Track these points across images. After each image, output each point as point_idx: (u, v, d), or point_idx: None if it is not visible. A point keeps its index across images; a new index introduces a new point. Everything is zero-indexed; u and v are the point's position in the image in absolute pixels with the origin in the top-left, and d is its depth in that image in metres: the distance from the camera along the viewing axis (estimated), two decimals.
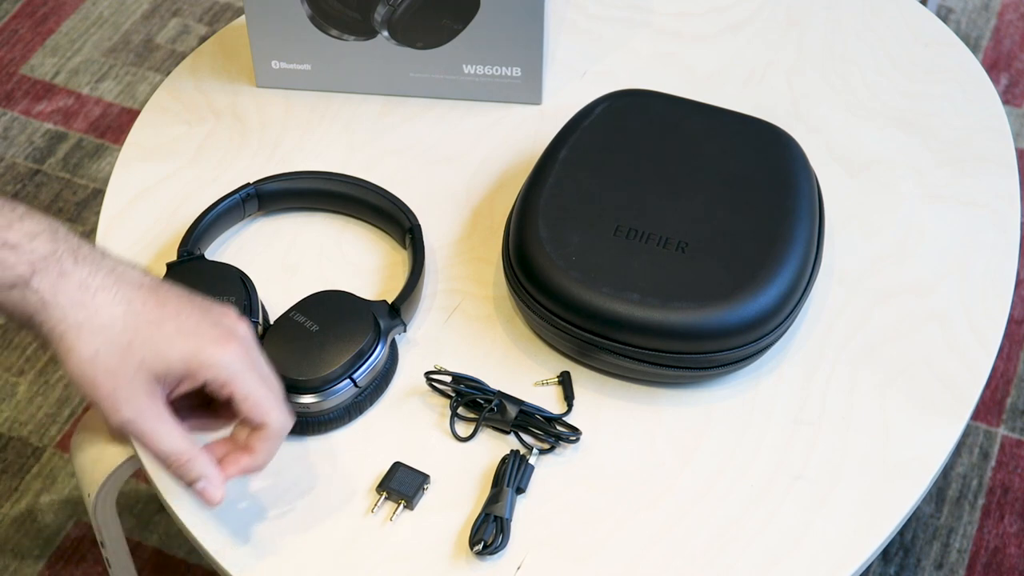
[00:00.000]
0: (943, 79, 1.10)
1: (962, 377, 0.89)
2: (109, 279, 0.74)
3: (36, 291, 0.73)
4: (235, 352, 0.74)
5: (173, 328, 0.74)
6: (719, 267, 0.86)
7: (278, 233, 0.97)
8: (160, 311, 0.74)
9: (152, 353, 0.73)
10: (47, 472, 1.55)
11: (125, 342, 0.73)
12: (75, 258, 0.74)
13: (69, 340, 0.73)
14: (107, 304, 0.74)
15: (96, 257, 0.75)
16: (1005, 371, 1.66)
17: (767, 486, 0.83)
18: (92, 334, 0.73)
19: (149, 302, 0.74)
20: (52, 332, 0.74)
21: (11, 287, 0.72)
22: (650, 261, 0.87)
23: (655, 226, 0.89)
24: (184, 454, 0.74)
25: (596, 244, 0.88)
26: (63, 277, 0.73)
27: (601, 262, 0.87)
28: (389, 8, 1.02)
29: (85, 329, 0.73)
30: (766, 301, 0.86)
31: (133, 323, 0.74)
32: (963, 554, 1.49)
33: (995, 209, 1.00)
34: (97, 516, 1.04)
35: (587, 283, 0.86)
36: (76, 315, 0.73)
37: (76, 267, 0.74)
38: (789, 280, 0.87)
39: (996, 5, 2.13)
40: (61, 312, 0.73)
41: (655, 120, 0.96)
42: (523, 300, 0.89)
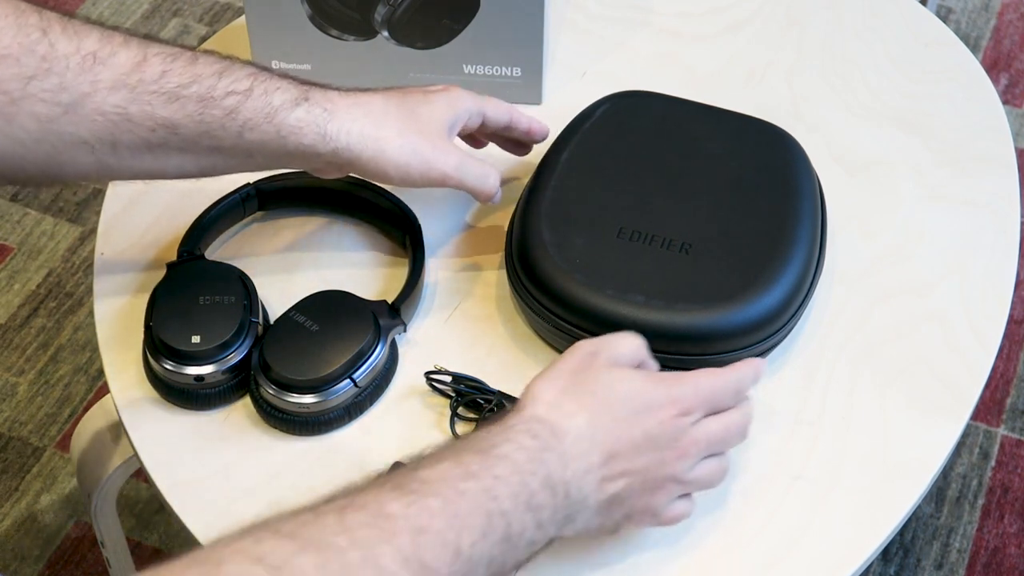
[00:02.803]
0: (943, 79, 1.10)
1: (962, 377, 0.89)
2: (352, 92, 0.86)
3: (318, 103, 0.82)
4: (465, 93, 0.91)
5: (420, 99, 0.88)
6: (723, 268, 0.86)
7: (278, 233, 0.97)
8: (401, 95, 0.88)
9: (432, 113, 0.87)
10: (47, 472, 1.55)
11: (408, 113, 0.86)
12: (325, 85, 0.85)
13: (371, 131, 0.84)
14: (370, 99, 0.86)
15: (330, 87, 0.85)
16: (1005, 371, 1.66)
17: (767, 486, 0.83)
18: (383, 119, 0.85)
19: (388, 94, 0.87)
20: (350, 135, 0.83)
21: (296, 104, 0.82)
22: (654, 263, 0.87)
23: (659, 228, 0.89)
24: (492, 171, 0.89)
25: (600, 246, 0.88)
26: (327, 91, 0.84)
27: (605, 264, 0.87)
28: (389, 8, 1.02)
29: (373, 117, 0.84)
30: (771, 302, 0.86)
31: (397, 101, 0.87)
32: (963, 554, 1.49)
33: (995, 209, 1.00)
34: (97, 516, 1.04)
35: (591, 285, 0.86)
36: (361, 112, 0.84)
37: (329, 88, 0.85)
38: (793, 281, 0.87)
39: (996, 5, 2.13)
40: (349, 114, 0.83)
41: (657, 121, 0.96)
42: (526, 302, 0.89)
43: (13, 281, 1.74)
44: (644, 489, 0.74)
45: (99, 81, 0.76)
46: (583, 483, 0.71)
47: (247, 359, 0.85)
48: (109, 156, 0.79)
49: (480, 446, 0.69)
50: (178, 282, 0.88)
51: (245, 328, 0.85)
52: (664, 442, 0.74)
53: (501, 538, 0.66)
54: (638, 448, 0.73)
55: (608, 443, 0.72)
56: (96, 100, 0.76)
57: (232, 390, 0.86)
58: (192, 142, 0.80)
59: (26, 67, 0.74)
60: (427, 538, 0.62)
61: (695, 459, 0.76)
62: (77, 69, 0.75)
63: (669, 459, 0.75)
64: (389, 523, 0.62)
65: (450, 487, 0.65)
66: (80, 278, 1.74)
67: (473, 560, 0.64)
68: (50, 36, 0.75)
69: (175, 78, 0.78)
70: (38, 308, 1.71)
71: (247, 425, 0.86)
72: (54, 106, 0.75)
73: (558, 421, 0.72)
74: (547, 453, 0.70)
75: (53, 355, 1.66)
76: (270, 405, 0.84)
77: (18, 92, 0.74)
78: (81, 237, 1.79)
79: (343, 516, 0.61)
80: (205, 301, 0.86)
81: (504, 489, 0.67)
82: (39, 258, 1.76)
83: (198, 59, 0.80)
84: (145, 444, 0.85)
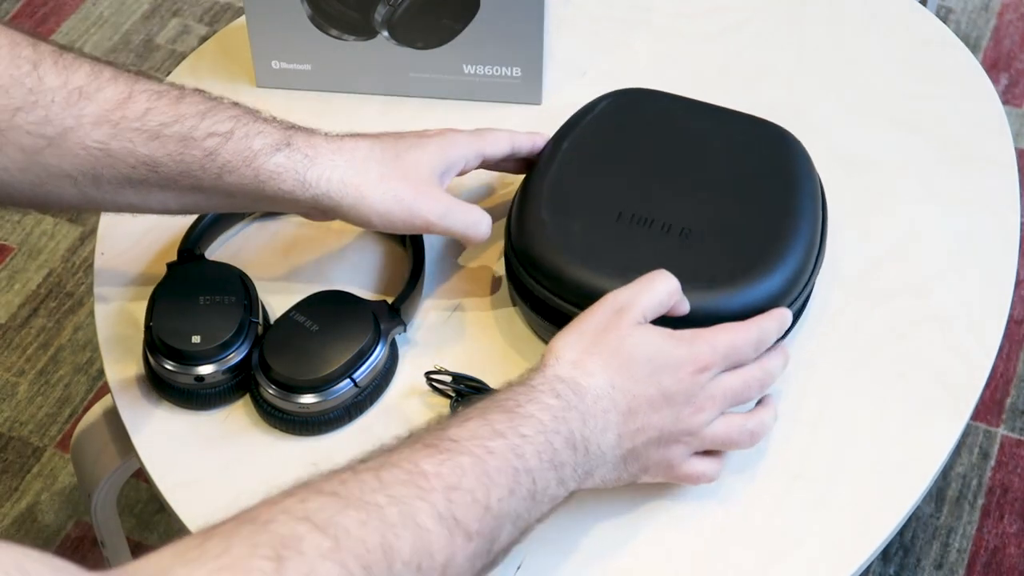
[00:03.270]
0: (943, 79, 1.10)
1: (962, 377, 0.89)
2: (341, 138, 0.85)
3: (299, 149, 0.82)
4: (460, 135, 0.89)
5: (410, 144, 0.86)
6: (723, 252, 0.86)
7: (278, 233, 0.97)
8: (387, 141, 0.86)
9: (420, 158, 0.85)
10: (47, 472, 1.55)
11: (392, 158, 0.84)
12: (311, 130, 0.85)
13: (351, 178, 0.83)
14: (355, 144, 0.84)
15: (316, 132, 0.85)
16: (1005, 371, 1.66)
17: (767, 486, 0.83)
18: (365, 165, 0.83)
19: (376, 141, 0.86)
20: (330, 183, 0.82)
21: (276, 150, 0.81)
22: (653, 246, 0.86)
23: (658, 213, 0.88)
24: (482, 218, 0.87)
25: (599, 230, 0.87)
26: (312, 137, 0.84)
27: (604, 247, 0.86)
28: (389, 8, 1.02)
29: (355, 164, 0.83)
30: (771, 286, 0.85)
31: (383, 146, 0.85)
32: (963, 554, 1.49)
33: (995, 209, 1.00)
34: (97, 516, 1.04)
35: (589, 267, 0.85)
36: (343, 158, 0.83)
37: (314, 133, 0.84)
38: (794, 267, 0.87)
39: (996, 5, 2.13)
40: (330, 161, 0.82)
41: (658, 117, 0.96)
42: (527, 285, 0.88)
43: (13, 281, 1.74)
44: (660, 443, 0.77)
45: (83, 116, 0.77)
46: (602, 440, 0.74)
47: (247, 359, 0.85)
48: (92, 189, 0.80)
49: (506, 405, 0.72)
50: (178, 282, 0.88)
51: (245, 328, 0.85)
52: (681, 399, 0.77)
53: (527, 495, 0.70)
54: (655, 405, 0.76)
55: (626, 401, 0.75)
56: (79, 135, 0.78)
57: (232, 390, 0.86)
58: (172, 180, 0.81)
59: (14, 98, 0.76)
60: (458, 494, 0.66)
61: (712, 414, 0.78)
62: (63, 103, 0.77)
63: (685, 415, 0.77)
64: (424, 480, 0.65)
65: (479, 445, 0.68)
66: (80, 278, 1.74)
67: (500, 515, 0.68)
68: (40, 70, 0.77)
69: (158, 116, 0.79)
70: (38, 308, 1.71)
71: (247, 425, 0.86)
72: (39, 138, 0.77)
73: (580, 380, 0.75)
74: (569, 412, 0.73)
75: (53, 355, 1.66)
76: (270, 405, 0.84)
77: (4, 123, 0.76)
78: (81, 237, 1.79)
79: (380, 474, 0.65)
80: (205, 301, 0.86)
81: (530, 448, 0.70)
82: (39, 258, 1.76)
83: (184, 98, 0.81)
84: (145, 444, 0.85)
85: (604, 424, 0.75)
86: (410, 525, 0.63)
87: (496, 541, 0.68)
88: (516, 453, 0.70)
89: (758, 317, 0.81)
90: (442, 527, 0.64)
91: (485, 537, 0.67)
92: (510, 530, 0.69)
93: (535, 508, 0.71)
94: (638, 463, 0.77)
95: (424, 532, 0.63)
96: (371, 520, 0.62)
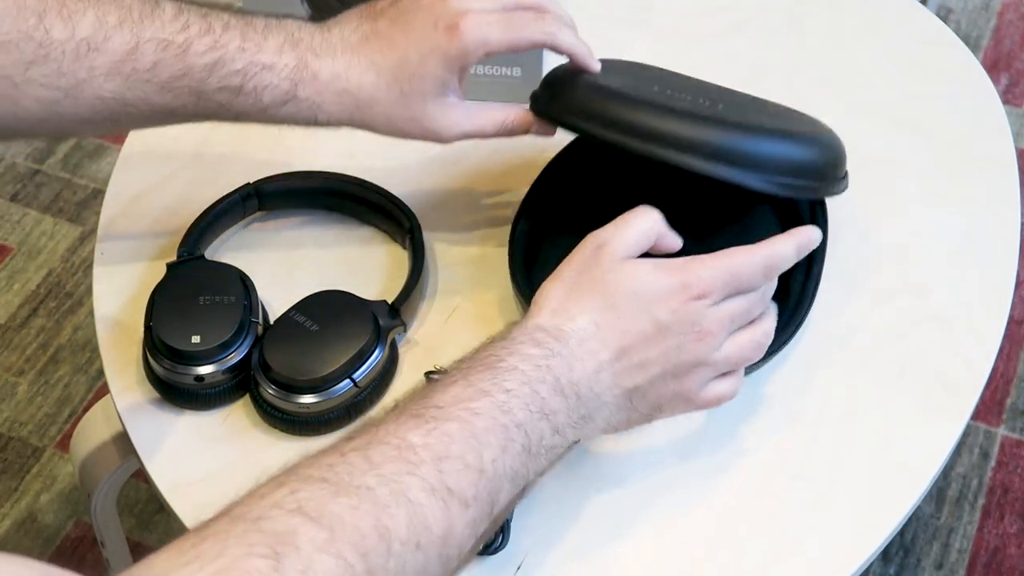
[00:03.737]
0: (943, 79, 1.10)
1: (962, 377, 0.89)
2: (345, 56, 0.82)
3: (305, 99, 0.82)
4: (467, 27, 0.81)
5: (415, 54, 0.82)
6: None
7: (278, 233, 0.97)
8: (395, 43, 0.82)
9: (424, 84, 0.82)
10: (47, 472, 1.55)
11: (397, 94, 0.82)
12: (316, 54, 0.82)
13: (358, 121, 0.84)
14: (360, 77, 0.82)
15: (324, 41, 0.83)
16: (1005, 371, 1.66)
17: (767, 486, 0.83)
18: (370, 107, 0.83)
19: (383, 46, 0.83)
20: (339, 121, 0.83)
21: (284, 103, 0.82)
22: None
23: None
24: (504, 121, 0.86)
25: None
26: (316, 78, 0.82)
27: None
28: None
29: (362, 107, 0.83)
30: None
31: (387, 77, 0.82)
32: (963, 554, 1.49)
33: (995, 209, 1.00)
34: (97, 516, 1.04)
35: None
36: (346, 103, 0.82)
37: (321, 62, 0.82)
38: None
39: (996, 5, 2.13)
40: (334, 107, 0.82)
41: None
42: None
43: (13, 281, 1.74)
44: (668, 377, 0.75)
45: (94, 68, 0.78)
46: (594, 382, 0.72)
47: (247, 359, 0.85)
48: (113, 128, 0.84)
49: (487, 362, 0.71)
50: (178, 282, 0.88)
51: (245, 328, 0.85)
52: (680, 328, 0.74)
53: (521, 450, 0.68)
54: (649, 339, 0.74)
55: (615, 338, 0.73)
56: (93, 86, 0.79)
57: (232, 390, 0.86)
58: (191, 117, 0.84)
59: (25, 53, 0.77)
60: (449, 463, 0.65)
61: (719, 338, 0.76)
62: (72, 56, 0.78)
63: (688, 344, 0.75)
64: (412, 454, 0.64)
65: (464, 408, 0.67)
66: (80, 278, 1.74)
67: (496, 476, 0.67)
68: (45, 21, 0.77)
69: (166, 71, 0.80)
70: (38, 308, 1.71)
71: (247, 425, 0.86)
72: (54, 90, 0.78)
73: (560, 325, 0.73)
74: (552, 359, 0.71)
75: (53, 355, 1.66)
76: (270, 405, 0.84)
77: (19, 77, 0.77)
78: (81, 237, 1.79)
79: (368, 454, 0.64)
80: (205, 301, 0.86)
81: (516, 401, 0.69)
82: (39, 258, 1.76)
83: (190, 47, 0.81)
84: (145, 444, 0.85)
85: (595, 366, 0.72)
86: (403, 503, 0.62)
87: (495, 503, 0.67)
88: (503, 410, 0.68)
89: (774, 238, 0.78)
90: (435, 499, 0.64)
91: (483, 501, 0.66)
92: (508, 488, 0.68)
93: (532, 462, 0.70)
94: (646, 401, 0.75)
95: (418, 507, 0.63)
96: (363, 504, 0.61)
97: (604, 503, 0.82)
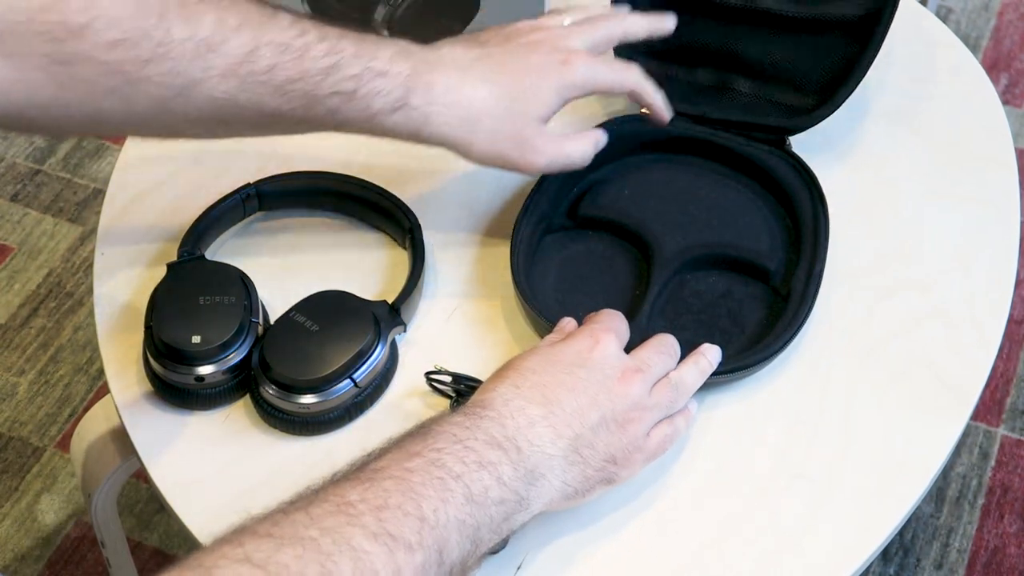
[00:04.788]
0: (943, 79, 1.10)
1: (962, 377, 0.89)
2: (457, 72, 0.84)
3: (416, 107, 0.83)
4: (580, 63, 0.87)
5: (528, 78, 0.86)
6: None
7: (278, 233, 0.97)
8: (508, 68, 0.86)
9: (534, 105, 0.85)
10: (47, 472, 1.55)
11: (505, 110, 0.84)
12: (429, 65, 0.84)
13: (462, 137, 0.85)
14: (473, 91, 0.84)
15: (437, 56, 0.85)
16: (1005, 371, 1.66)
17: (767, 486, 0.83)
18: (479, 121, 0.84)
19: (496, 68, 0.85)
20: (442, 134, 0.84)
21: (394, 110, 0.83)
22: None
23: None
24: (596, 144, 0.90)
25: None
26: (431, 88, 0.83)
27: None
28: (389, 8, 1.02)
29: (471, 120, 0.84)
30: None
31: (499, 92, 0.85)
32: (963, 554, 1.49)
33: (995, 210, 1.00)
34: (97, 516, 1.04)
35: None
36: (456, 114, 0.84)
37: (434, 74, 0.84)
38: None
39: (996, 5, 2.13)
40: (444, 117, 0.83)
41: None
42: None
43: (13, 281, 1.74)
44: (610, 423, 0.77)
45: (211, 68, 0.79)
46: (532, 435, 0.74)
47: (247, 359, 0.85)
48: (219, 129, 0.84)
49: (418, 433, 0.73)
50: (178, 282, 0.88)
51: (245, 328, 0.85)
52: (600, 374, 0.78)
53: (463, 500, 0.69)
54: (572, 388, 0.76)
55: (538, 393, 0.76)
56: (207, 86, 0.79)
57: (232, 390, 0.86)
58: (294, 126, 0.85)
59: (143, 51, 0.77)
60: (388, 513, 0.66)
61: (646, 379, 0.79)
62: (191, 55, 0.78)
63: (615, 388, 0.78)
64: (351, 508, 0.66)
65: (398, 468, 0.69)
66: (80, 278, 1.74)
67: (440, 524, 0.68)
68: (166, 21, 0.78)
69: (283, 73, 0.81)
70: (38, 308, 1.71)
71: (247, 425, 0.86)
72: (168, 88, 0.79)
73: (482, 396, 0.76)
74: (480, 420, 0.73)
75: (53, 355, 1.66)
76: (270, 405, 0.84)
77: (136, 74, 0.78)
78: (81, 237, 1.79)
79: (309, 511, 0.66)
80: (205, 301, 0.86)
81: (448, 457, 0.70)
82: (39, 258, 1.77)
83: (308, 52, 0.81)
84: (145, 444, 0.85)
85: (527, 420, 0.74)
86: (346, 550, 0.63)
87: (444, 551, 0.67)
88: (436, 464, 0.70)
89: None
90: (379, 545, 0.64)
91: (429, 548, 0.66)
92: (458, 539, 0.68)
93: (481, 512, 0.70)
94: (596, 452, 0.76)
95: (362, 554, 0.64)
96: (307, 553, 0.63)
97: (604, 503, 0.82)
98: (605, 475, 0.77)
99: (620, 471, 0.78)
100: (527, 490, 0.73)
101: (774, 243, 0.93)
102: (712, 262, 0.92)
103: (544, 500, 0.74)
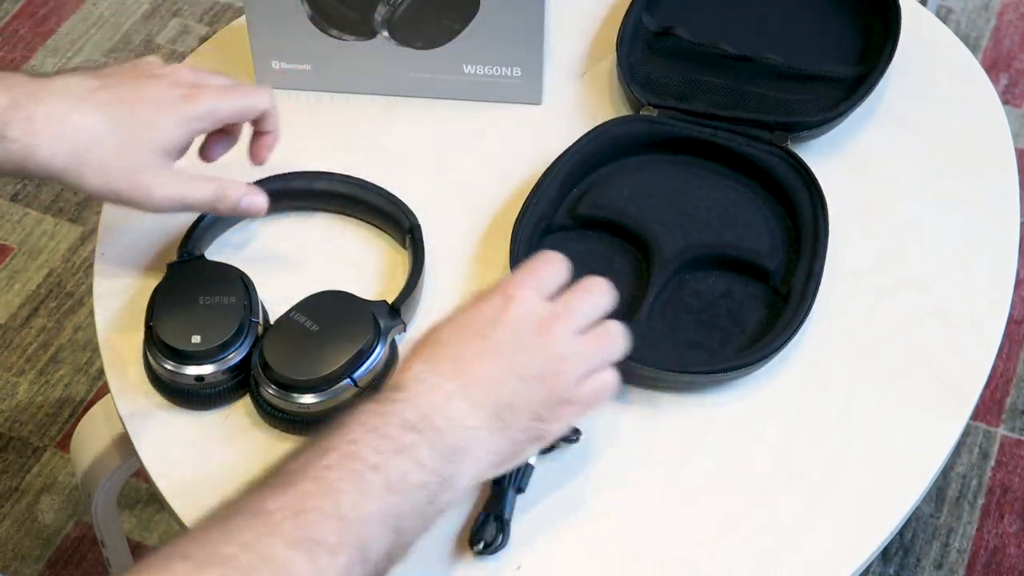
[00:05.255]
0: (943, 79, 1.10)
1: (962, 376, 0.89)
2: (68, 100, 0.80)
3: (15, 140, 0.78)
4: (203, 96, 0.84)
5: (146, 110, 0.82)
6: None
7: (278, 233, 0.97)
8: (126, 98, 0.82)
9: (153, 139, 0.82)
10: (47, 472, 1.55)
11: (118, 142, 0.80)
12: (32, 97, 0.79)
13: (72, 170, 0.80)
14: (82, 119, 0.80)
15: (43, 87, 0.80)
16: (1005, 371, 1.66)
17: (767, 484, 0.83)
18: (88, 152, 0.80)
19: (112, 98, 0.81)
20: (49, 169, 0.79)
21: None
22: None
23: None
24: (217, 192, 0.85)
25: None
26: (30, 120, 0.79)
27: None
28: (389, 8, 1.02)
29: (79, 152, 0.79)
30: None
31: (114, 123, 0.81)
32: (963, 554, 1.49)
33: (995, 210, 1.00)
34: (97, 516, 1.04)
35: None
36: (61, 146, 0.79)
37: (37, 105, 0.79)
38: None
39: (996, 5, 2.13)
40: (48, 149, 0.79)
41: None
42: None
43: (13, 281, 1.74)
44: (533, 384, 0.73)
45: None
46: (448, 410, 0.71)
47: (247, 359, 0.85)
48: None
49: (332, 425, 0.70)
50: (178, 282, 0.88)
51: (245, 328, 0.85)
52: (511, 330, 0.74)
53: (383, 489, 0.67)
54: (483, 352, 0.73)
55: (449, 365, 0.72)
56: None
57: (232, 390, 0.86)
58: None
59: None
60: (307, 517, 0.64)
61: (566, 326, 0.74)
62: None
63: (533, 342, 0.74)
64: (270, 517, 0.64)
65: (314, 467, 0.67)
66: (80, 278, 1.74)
67: (360, 520, 0.66)
68: None
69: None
70: (38, 308, 1.71)
71: (247, 425, 0.86)
72: None
73: (395, 381, 0.73)
74: (394, 404, 0.71)
75: (53, 355, 1.66)
76: (270, 405, 0.84)
77: None
78: (81, 237, 1.79)
79: (226, 525, 0.64)
80: (205, 301, 0.86)
81: (364, 448, 0.68)
82: (39, 258, 1.77)
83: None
84: (145, 444, 0.85)
85: (442, 396, 0.71)
86: (268, 562, 0.62)
87: (366, 548, 0.66)
88: (351, 457, 0.67)
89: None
90: (300, 552, 0.63)
91: (351, 546, 0.65)
92: (382, 532, 0.67)
93: (404, 499, 0.68)
94: (521, 415, 0.73)
95: (283, 564, 0.62)
96: (229, 572, 0.61)
97: (604, 503, 0.82)
98: (534, 434, 0.74)
99: (549, 427, 0.74)
100: (449, 468, 0.70)
101: (774, 243, 0.93)
102: (712, 262, 0.92)
103: (471, 474, 0.72)
